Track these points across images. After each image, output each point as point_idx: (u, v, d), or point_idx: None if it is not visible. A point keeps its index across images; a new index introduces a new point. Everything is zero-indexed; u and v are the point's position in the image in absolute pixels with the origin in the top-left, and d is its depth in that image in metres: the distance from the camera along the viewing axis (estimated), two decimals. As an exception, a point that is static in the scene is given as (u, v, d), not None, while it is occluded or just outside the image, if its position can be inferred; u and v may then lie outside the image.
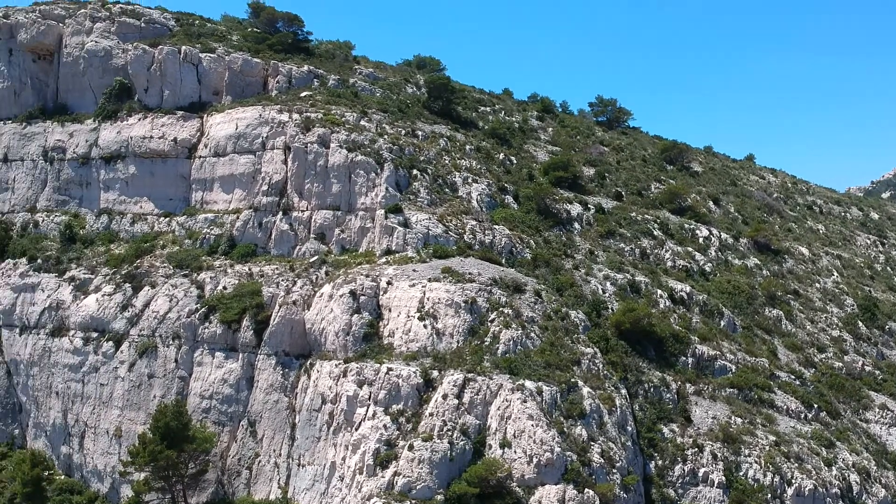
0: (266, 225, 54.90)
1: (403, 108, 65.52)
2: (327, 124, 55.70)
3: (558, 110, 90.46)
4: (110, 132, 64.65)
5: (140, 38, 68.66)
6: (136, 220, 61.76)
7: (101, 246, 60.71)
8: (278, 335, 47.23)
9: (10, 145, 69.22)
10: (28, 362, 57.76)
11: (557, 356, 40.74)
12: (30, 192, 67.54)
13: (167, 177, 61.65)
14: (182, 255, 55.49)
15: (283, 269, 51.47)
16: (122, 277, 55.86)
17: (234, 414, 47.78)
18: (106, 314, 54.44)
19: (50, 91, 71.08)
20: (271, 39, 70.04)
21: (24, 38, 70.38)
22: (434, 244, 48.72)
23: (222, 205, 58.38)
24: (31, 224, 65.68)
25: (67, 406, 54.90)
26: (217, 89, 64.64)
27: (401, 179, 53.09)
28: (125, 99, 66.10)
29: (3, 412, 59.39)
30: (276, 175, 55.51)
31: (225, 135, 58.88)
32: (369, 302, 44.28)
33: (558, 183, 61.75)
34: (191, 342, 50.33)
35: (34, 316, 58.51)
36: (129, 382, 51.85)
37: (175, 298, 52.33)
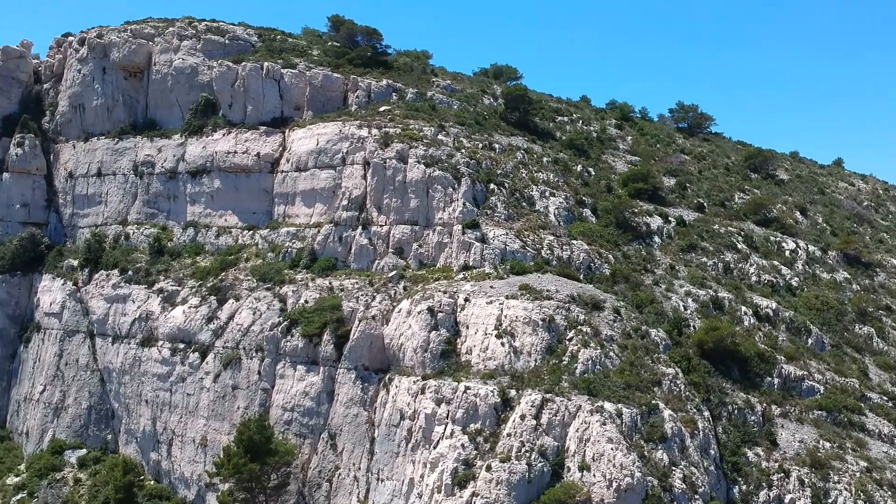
0: (346, 239, 55.77)
1: (480, 121, 65.64)
2: (405, 139, 56.23)
3: (637, 117, 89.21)
4: (196, 147, 66.75)
5: (224, 55, 70.71)
6: (220, 232, 63.56)
7: (188, 258, 62.68)
8: (358, 350, 47.90)
9: (103, 160, 72.21)
10: (119, 370, 60.12)
11: (637, 377, 40.11)
12: (121, 206, 70.29)
13: (250, 191, 63.25)
14: (265, 268, 56.82)
15: (362, 283, 52.18)
16: (207, 290, 57.56)
17: (315, 426, 48.66)
18: (192, 326, 56.21)
19: (140, 107, 73.80)
20: (351, 54, 71.11)
21: (116, 57, 73.30)
22: (511, 260, 48.64)
23: (304, 218, 59.55)
24: (122, 236, 68.35)
25: (156, 414, 56.88)
26: (298, 104, 65.99)
27: (478, 194, 53.19)
28: (210, 114, 68.12)
29: (97, 418, 61.96)
30: (356, 190, 56.32)
31: (306, 150, 60.06)
32: (447, 319, 44.48)
33: (638, 195, 60.87)
34: (273, 355, 51.51)
35: (125, 326, 60.87)
36: (214, 393, 53.40)
37: (258, 311, 53.63)
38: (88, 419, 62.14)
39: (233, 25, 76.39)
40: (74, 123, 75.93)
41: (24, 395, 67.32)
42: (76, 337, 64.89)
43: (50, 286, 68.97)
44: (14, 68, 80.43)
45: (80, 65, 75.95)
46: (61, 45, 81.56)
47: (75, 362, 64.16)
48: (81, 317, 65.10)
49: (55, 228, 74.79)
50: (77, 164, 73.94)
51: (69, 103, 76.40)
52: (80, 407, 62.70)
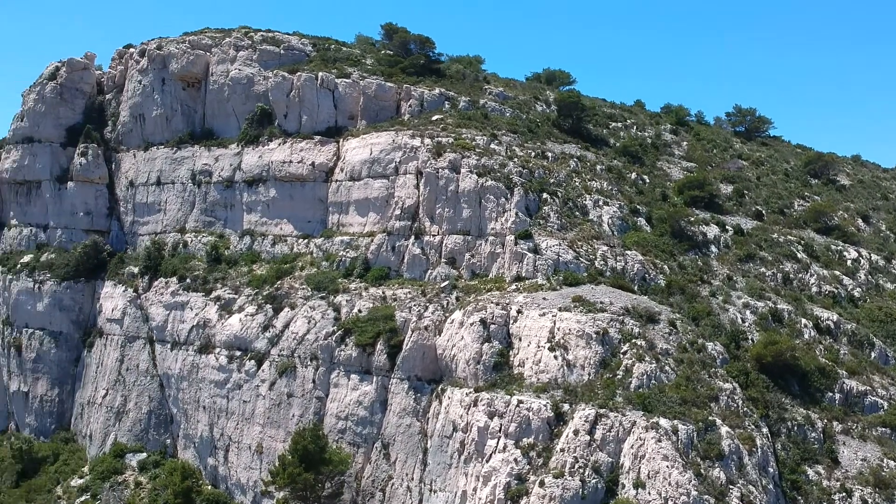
0: (399, 249, 56.10)
1: (533, 128, 65.44)
2: (458, 149, 56.33)
3: (693, 122, 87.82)
4: (252, 156, 67.83)
5: (279, 65, 71.73)
6: (276, 241, 64.48)
7: (244, 266, 63.71)
8: (410, 360, 48.15)
9: (162, 169, 73.85)
10: (178, 376, 61.41)
11: (694, 392, 39.51)
12: (179, 214, 71.81)
13: (305, 200, 64.05)
14: (319, 277, 57.47)
15: (415, 293, 52.43)
16: (263, 298, 58.43)
17: (368, 436, 49.04)
18: (248, 334, 57.14)
19: (198, 117, 75.28)
20: (404, 63, 71.51)
21: (175, 68, 74.90)
22: (564, 271, 48.35)
23: (357, 227, 60.09)
24: (180, 244, 69.81)
25: (213, 420, 57.96)
26: (352, 113, 66.60)
27: (531, 204, 53.01)
28: (266, 124, 69.15)
29: (157, 422, 63.40)
30: (409, 199, 56.62)
31: (360, 160, 60.58)
32: (499, 331, 44.41)
33: (693, 202, 59.98)
34: (328, 364, 52.06)
35: (183, 333, 62.17)
36: (270, 401, 54.20)
37: (313, 320, 54.26)
38: (148, 423, 63.64)
39: (287, 35, 77.44)
40: (135, 133, 77.81)
41: (87, 399, 69.27)
42: (137, 343, 66.52)
43: (111, 293, 70.82)
44: (78, 80, 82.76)
45: (141, 76, 77.80)
46: (122, 56, 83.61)
47: (136, 367, 65.77)
48: (142, 323, 66.69)
49: (116, 236, 76.77)
50: (137, 173, 75.76)
51: (130, 113, 78.32)
52: (140, 411, 64.26)
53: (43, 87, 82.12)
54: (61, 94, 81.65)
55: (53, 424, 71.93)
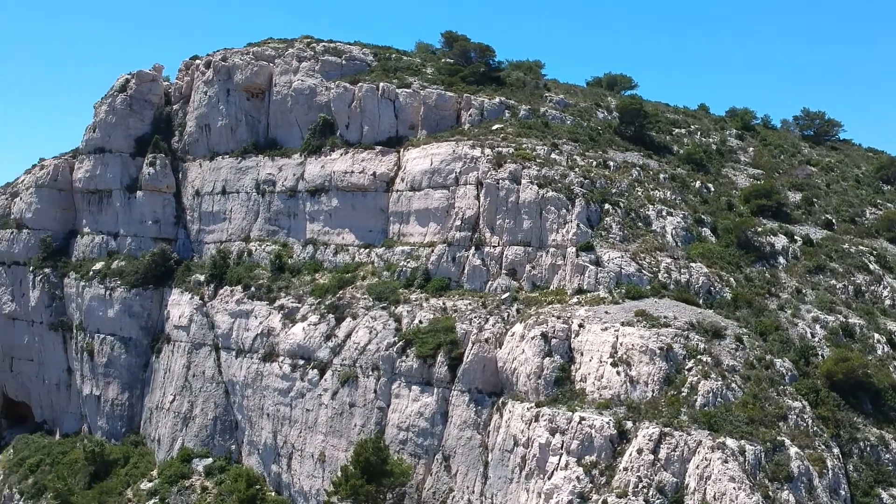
0: (459, 259, 56.16)
1: (594, 136, 64.81)
2: (518, 160, 56.12)
3: (759, 126, 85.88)
4: (315, 166, 68.71)
5: (341, 76, 72.51)
6: (338, 250, 65.20)
7: (307, 275, 64.57)
8: (471, 372, 48.14)
9: (227, 178, 75.37)
10: (243, 384, 62.58)
11: (761, 410, 38.57)
12: (244, 223, 73.18)
13: (367, 209, 64.61)
14: (381, 287, 57.88)
15: (475, 304, 52.41)
16: (326, 308, 59.13)
17: (429, 447, 49.21)
18: (311, 343, 57.88)
19: (261, 127, 76.58)
20: (464, 71, 71.59)
21: (239, 79, 76.36)
22: (627, 283, 47.74)
23: (418, 237, 60.36)
24: (245, 252, 71.16)
25: (277, 427, 58.90)
26: (413, 123, 66.94)
27: (592, 215, 52.49)
28: (328, 134, 69.98)
29: (223, 428, 64.72)
30: (469, 210, 56.64)
31: (420, 170, 60.84)
32: (561, 345, 44.08)
33: (760, 212, 58.60)
34: (389, 374, 52.41)
35: (248, 341, 63.31)
36: (332, 410, 54.82)
37: (374, 331, 54.70)
38: (214, 429, 65.02)
39: (349, 45, 78.25)
40: (201, 143, 79.57)
41: (155, 404, 71.10)
42: (203, 350, 68.00)
43: (179, 300, 72.56)
44: (147, 91, 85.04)
45: (206, 87, 79.52)
46: (189, 67, 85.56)
47: (202, 374, 67.24)
48: (207, 330, 68.15)
49: (183, 244, 78.62)
50: (203, 183, 77.45)
51: (196, 124, 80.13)
52: (206, 417, 65.69)
53: (114, 98, 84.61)
54: (131, 106, 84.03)
55: (124, 428, 74.05)
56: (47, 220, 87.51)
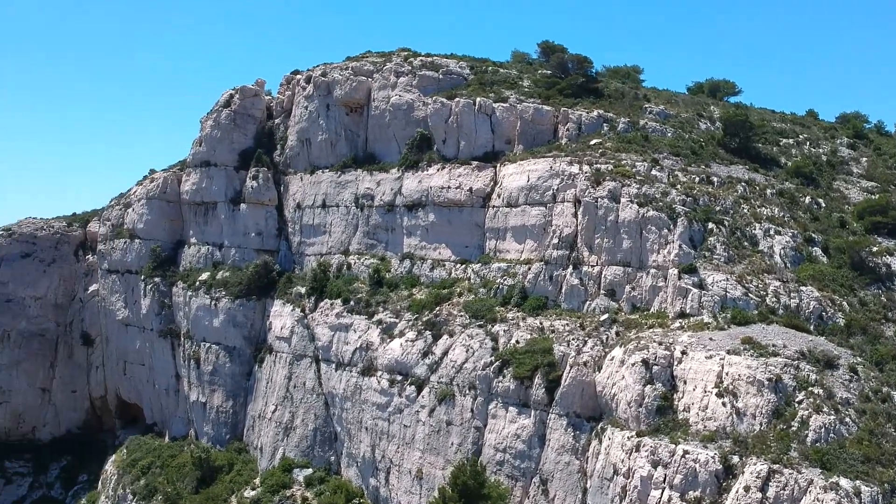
0: (556, 278, 55.60)
1: (697, 150, 63.01)
2: (617, 177, 55.12)
3: (872, 131, 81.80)
4: (412, 181, 69.31)
5: (438, 90, 72.91)
6: (435, 265, 65.59)
7: (405, 290, 65.21)
8: (569, 396, 47.57)
9: (327, 192, 76.89)
10: (342, 396, 63.70)
11: (878, 448, 36.61)
12: (343, 236, 74.50)
13: (463, 225, 64.74)
14: (477, 304, 57.89)
15: (573, 325, 51.78)
16: (423, 324, 59.54)
17: (526, 470, 48.90)
18: (409, 359, 58.41)
19: (360, 141, 77.81)
20: (561, 84, 70.84)
21: (338, 95, 77.78)
22: (732, 308, 46.17)
23: (514, 254, 60.09)
24: (344, 265, 72.44)
25: (375, 442, 59.70)
26: (509, 138, 66.70)
27: (695, 234, 51.04)
28: (425, 149, 70.48)
29: (322, 439, 66.05)
30: (567, 228, 56.00)
31: (517, 186, 60.55)
32: (662, 372, 43.02)
33: (875, 229, 55.68)
34: (486, 394, 52.36)
35: (347, 354, 64.42)
36: (429, 427, 55.17)
37: (471, 349, 54.75)
38: (314, 440, 66.44)
39: (446, 59, 78.59)
40: (302, 157, 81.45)
41: (258, 413, 73.21)
42: (303, 361, 69.59)
43: (280, 311, 74.50)
44: (250, 106, 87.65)
45: (307, 102, 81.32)
46: (290, 82, 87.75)
47: (303, 385, 68.82)
48: (308, 342, 69.70)
49: (285, 255, 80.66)
50: (304, 196, 79.25)
51: (297, 138, 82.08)
52: (306, 428, 67.20)
53: (218, 113, 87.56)
54: (234, 121, 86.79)
55: (228, 434, 76.55)
56: (157, 231, 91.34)
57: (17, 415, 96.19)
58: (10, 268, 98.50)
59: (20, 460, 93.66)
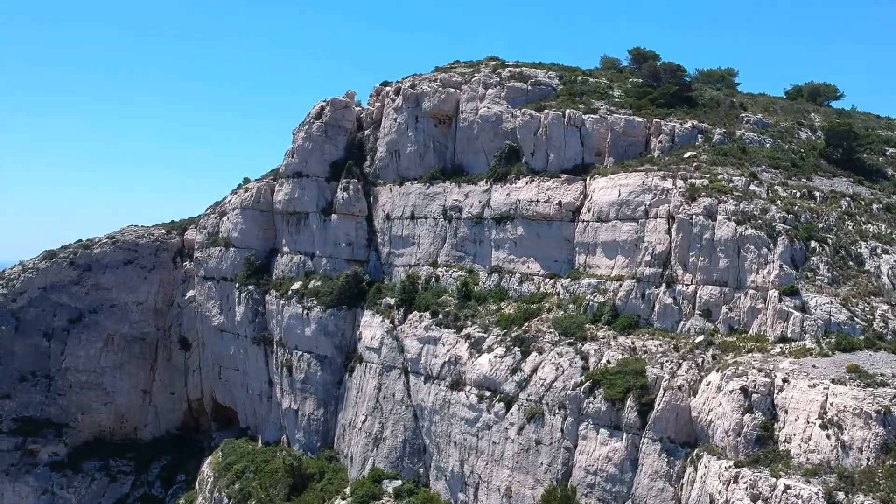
0: (648, 297, 54.48)
1: (797, 162, 60.70)
2: (713, 193, 53.55)
3: None
4: (500, 194, 69.06)
5: (526, 101, 72.43)
6: (523, 279, 65.22)
7: (493, 304, 65.07)
8: (663, 420, 46.53)
9: (416, 204, 77.40)
10: (431, 409, 64.05)
11: None
12: (431, 248, 74.88)
13: (552, 239, 64.14)
14: (567, 321, 57.27)
15: (666, 346, 50.63)
16: (511, 340, 59.30)
17: (618, 494, 48.09)
18: (497, 375, 58.26)
19: (448, 153, 78.03)
20: (653, 93, 69.35)
21: (427, 107, 78.17)
22: (836, 333, 44.25)
23: (604, 270, 59.16)
24: (432, 277, 72.79)
25: (464, 456, 59.80)
26: (599, 150, 65.71)
27: (796, 254, 49.12)
28: (513, 161, 70.10)
29: (411, 451, 66.59)
30: (660, 245, 54.78)
31: (607, 201, 59.57)
32: (762, 401, 41.55)
33: None
34: (576, 414, 51.74)
35: (436, 368, 64.70)
36: (518, 445, 54.91)
37: (560, 367, 54.20)
38: (403, 452, 67.03)
39: (534, 69, 78.01)
40: (391, 168, 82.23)
41: (348, 422, 74.36)
42: (393, 372, 70.29)
43: (370, 322, 75.44)
44: (340, 118, 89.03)
45: (396, 114, 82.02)
46: (379, 93, 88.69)
47: (392, 396, 69.53)
48: (397, 354, 70.34)
49: (374, 266, 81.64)
50: (393, 207, 80.00)
51: (386, 149, 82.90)
52: (396, 439, 67.86)
53: (310, 125, 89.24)
54: (326, 132, 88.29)
55: (319, 442, 78.03)
56: (251, 240, 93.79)
57: (120, 415, 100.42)
58: (114, 274, 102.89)
59: (123, 459, 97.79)
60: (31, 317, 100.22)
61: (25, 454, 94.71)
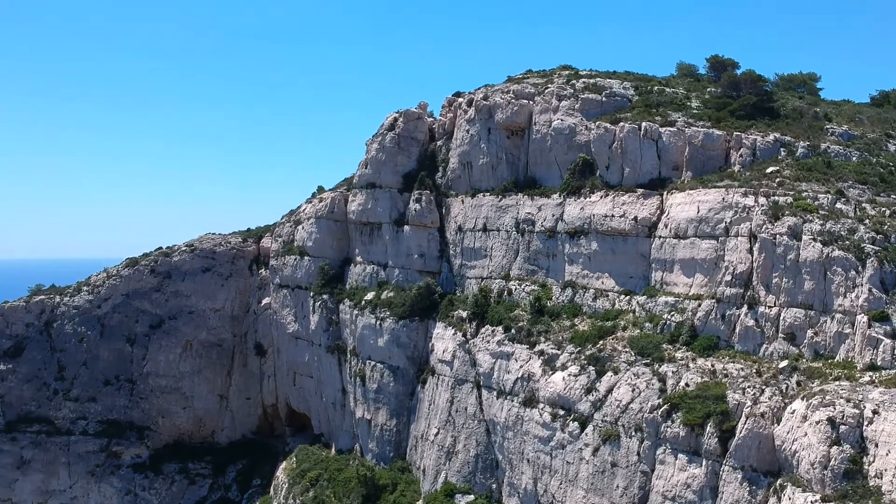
0: (729, 318, 53.16)
1: (886, 177, 58.37)
2: (798, 212, 51.90)
3: None
4: (574, 208, 68.34)
5: (601, 113, 71.49)
6: (597, 295, 64.44)
7: (566, 320, 64.46)
8: (744, 448, 45.27)
9: (488, 216, 77.25)
10: (503, 425, 63.83)
11: None
12: (504, 261, 74.64)
13: (627, 255, 63.18)
14: (643, 341, 56.35)
15: (748, 370, 49.31)
16: (586, 359, 58.62)
17: (696, 521, 47.10)
18: (571, 394, 57.68)
19: (521, 165, 77.60)
20: (733, 105, 67.60)
21: (500, 118, 77.89)
22: (931, 362, 42.45)
23: (682, 288, 57.98)
24: (505, 291, 72.55)
25: (537, 475, 59.43)
26: (676, 164, 64.39)
27: (886, 277, 47.18)
28: (587, 174, 69.26)
29: (483, 466, 66.52)
30: (741, 265, 53.38)
31: (685, 217, 58.32)
32: (851, 433, 40.06)
33: None
34: (653, 438, 50.83)
35: (508, 383, 64.45)
36: (593, 466, 54.27)
37: (637, 389, 53.34)
38: (476, 466, 67.00)
39: (609, 79, 76.98)
40: (463, 180, 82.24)
41: (421, 433, 74.72)
42: (465, 386, 70.32)
43: (442, 334, 75.61)
44: (413, 129, 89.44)
45: (468, 125, 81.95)
46: (451, 104, 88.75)
47: (464, 410, 69.55)
48: (469, 367, 70.34)
49: (446, 277, 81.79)
50: (465, 219, 80.00)
51: (458, 161, 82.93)
52: (468, 454, 67.88)
53: (383, 137, 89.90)
54: (399, 144, 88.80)
55: (392, 452, 78.64)
56: (325, 249, 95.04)
57: (198, 419, 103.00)
58: (193, 281, 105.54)
59: (201, 462, 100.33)
60: (115, 322, 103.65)
61: (110, 455, 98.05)
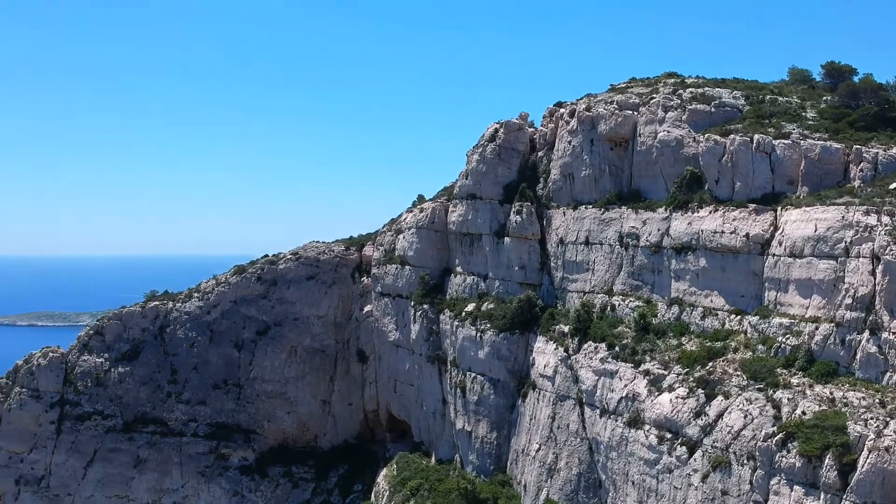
0: (849, 343, 50.67)
1: None
2: (926, 233, 49.01)
3: None
4: (681, 223, 66.49)
5: (710, 125, 69.30)
6: (706, 314, 62.56)
7: (673, 339, 62.87)
8: (867, 484, 43.11)
9: (590, 229, 76.13)
10: (607, 445, 62.81)
11: None
12: (606, 275, 73.41)
13: (738, 273, 61.02)
14: (756, 365, 54.34)
15: (870, 400, 46.88)
16: (694, 381, 57.02)
17: (815, 558, 45.14)
18: (679, 417, 56.21)
19: (624, 177, 76.10)
20: (852, 115, 64.34)
21: (603, 130, 76.60)
22: None
23: (798, 309, 55.59)
24: (608, 306, 71.34)
25: (643, 497, 58.19)
26: (791, 178, 61.73)
27: None
28: (695, 188, 67.24)
29: (586, 486, 65.68)
30: (862, 287, 50.79)
31: (802, 235, 55.85)
32: None
33: None
34: (766, 467, 48.95)
35: (612, 402, 63.37)
36: (703, 493, 52.71)
37: (749, 415, 51.51)
38: (578, 485, 66.22)
39: (718, 88, 74.53)
40: (564, 191, 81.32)
41: (521, 448, 74.38)
42: (567, 402, 69.56)
43: (543, 348, 75.04)
44: (514, 140, 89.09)
45: (570, 136, 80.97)
46: (553, 114, 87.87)
47: (566, 427, 68.82)
48: (571, 383, 69.54)
49: (547, 290, 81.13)
50: (567, 231, 79.07)
51: (560, 172, 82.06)
52: (570, 472, 67.14)
53: (484, 148, 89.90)
54: (499, 155, 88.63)
55: (492, 465, 78.61)
56: (425, 259, 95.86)
57: (302, 423, 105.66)
58: (298, 289, 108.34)
59: (304, 466, 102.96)
60: (223, 328, 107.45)
61: (218, 457, 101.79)
